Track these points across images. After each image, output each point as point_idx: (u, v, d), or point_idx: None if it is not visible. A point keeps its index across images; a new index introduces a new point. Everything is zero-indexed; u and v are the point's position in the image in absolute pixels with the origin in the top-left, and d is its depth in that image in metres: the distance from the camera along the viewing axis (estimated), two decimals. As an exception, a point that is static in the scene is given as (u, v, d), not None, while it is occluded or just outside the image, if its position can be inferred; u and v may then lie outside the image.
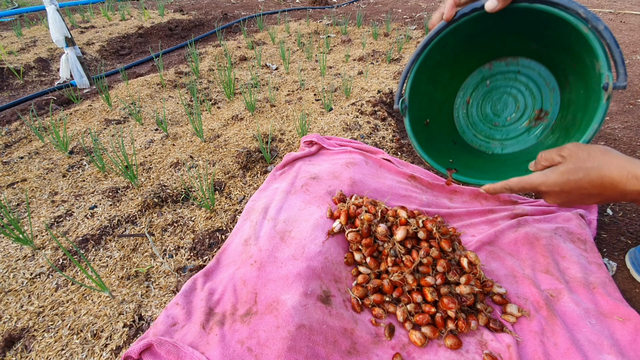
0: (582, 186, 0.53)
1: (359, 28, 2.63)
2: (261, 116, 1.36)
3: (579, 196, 0.54)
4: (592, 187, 0.52)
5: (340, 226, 0.73)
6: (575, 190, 0.53)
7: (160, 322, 0.60)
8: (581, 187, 0.53)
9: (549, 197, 0.57)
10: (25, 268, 0.76)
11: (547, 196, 0.58)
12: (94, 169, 1.09)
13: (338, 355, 0.55)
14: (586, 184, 0.52)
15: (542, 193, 0.58)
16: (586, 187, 0.52)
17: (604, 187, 0.51)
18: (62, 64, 1.64)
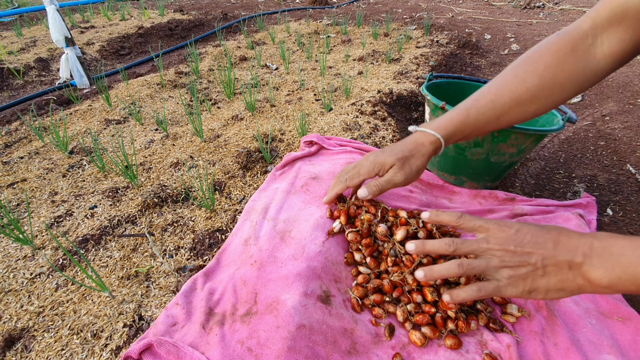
0: (543, 232, 0.47)
1: (359, 28, 2.63)
2: (261, 116, 1.36)
3: (531, 240, 0.46)
4: (546, 233, 0.46)
5: (340, 226, 0.73)
6: (533, 232, 0.47)
7: (160, 322, 0.60)
8: (542, 232, 0.47)
9: (493, 234, 0.49)
10: (25, 268, 0.76)
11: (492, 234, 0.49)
12: (94, 169, 1.09)
13: (338, 355, 0.55)
14: (549, 230, 0.47)
15: (486, 252, 0.49)
16: (547, 234, 0.46)
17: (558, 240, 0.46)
18: (62, 64, 1.64)
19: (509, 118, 0.61)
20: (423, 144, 0.65)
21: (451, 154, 0.92)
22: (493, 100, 0.61)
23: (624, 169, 1.06)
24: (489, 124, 0.62)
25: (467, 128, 0.63)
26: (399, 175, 0.64)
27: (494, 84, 0.62)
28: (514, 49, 2.15)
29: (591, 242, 0.43)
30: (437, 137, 0.64)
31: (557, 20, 2.76)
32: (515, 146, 0.82)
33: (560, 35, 0.58)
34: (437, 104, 0.85)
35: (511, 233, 0.47)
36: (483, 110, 0.61)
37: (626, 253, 0.40)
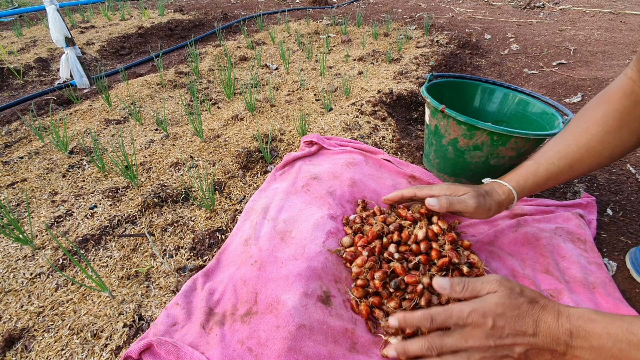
0: (520, 317, 0.46)
1: (359, 28, 2.63)
2: (261, 116, 1.36)
3: (510, 332, 0.45)
4: (529, 322, 0.45)
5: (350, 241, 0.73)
6: (511, 321, 0.45)
7: (160, 322, 0.60)
8: (519, 317, 0.46)
9: (471, 330, 0.47)
10: (25, 268, 0.76)
11: (469, 328, 0.47)
12: (94, 169, 1.09)
13: (339, 355, 0.55)
14: (526, 315, 0.46)
15: (465, 325, 0.47)
16: (524, 319, 0.46)
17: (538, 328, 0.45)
18: (62, 64, 1.64)
19: (584, 165, 0.64)
20: (497, 191, 0.67)
21: (451, 156, 0.92)
22: (560, 150, 0.65)
23: (624, 169, 1.06)
24: (562, 173, 0.65)
25: (539, 178, 0.65)
26: (472, 201, 0.64)
27: (559, 136, 0.68)
28: (514, 49, 2.15)
29: (569, 330, 0.44)
30: (509, 188, 0.66)
31: (557, 20, 2.76)
32: (515, 149, 0.82)
33: (611, 86, 0.65)
34: (437, 107, 0.85)
35: (489, 327, 0.45)
36: (552, 160, 0.65)
37: (605, 345, 0.42)
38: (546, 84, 1.68)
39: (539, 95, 0.99)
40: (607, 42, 2.17)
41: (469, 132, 0.83)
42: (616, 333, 0.42)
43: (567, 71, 1.79)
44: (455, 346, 0.48)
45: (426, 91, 0.93)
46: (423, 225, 0.69)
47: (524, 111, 1.01)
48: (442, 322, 0.49)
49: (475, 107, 1.11)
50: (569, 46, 2.11)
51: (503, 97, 1.06)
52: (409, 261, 0.65)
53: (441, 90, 1.04)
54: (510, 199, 0.67)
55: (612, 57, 1.92)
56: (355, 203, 0.86)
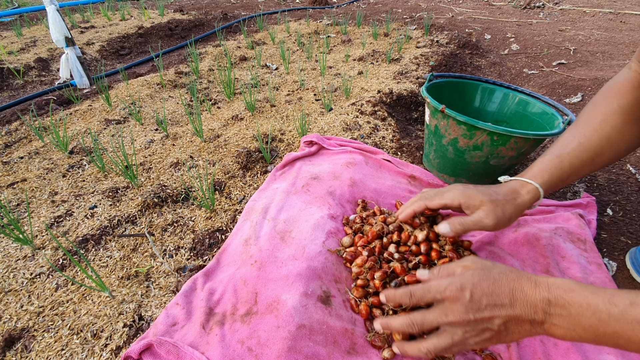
0: (496, 287, 0.46)
1: (359, 28, 2.63)
2: (261, 116, 1.36)
3: (487, 303, 0.45)
4: (506, 291, 0.45)
5: (350, 241, 0.72)
6: (487, 291, 0.46)
7: (160, 322, 0.60)
8: (495, 288, 0.46)
9: (450, 304, 0.47)
10: (25, 268, 0.76)
11: (448, 303, 0.48)
12: (94, 169, 1.09)
13: (339, 355, 0.55)
14: (502, 285, 0.46)
15: (444, 300, 0.48)
16: (500, 289, 0.46)
17: (515, 296, 0.45)
18: (62, 64, 1.64)
19: (604, 158, 0.63)
20: (519, 192, 0.61)
21: (451, 156, 0.92)
22: (581, 142, 0.62)
23: (624, 169, 1.06)
24: (584, 166, 0.62)
25: (564, 173, 0.62)
26: (489, 219, 0.58)
27: (575, 129, 0.65)
28: (514, 49, 2.15)
29: (547, 298, 0.43)
30: (535, 186, 0.61)
31: (557, 20, 2.76)
32: (515, 149, 0.82)
33: (617, 79, 0.64)
34: (437, 107, 0.85)
35: (467, 300, 0.46)
36: (575, 153, 0.62)
37: (585, 314, 0.41)
38: (546, 84, 1.68)
39: (539, 95, 0.99)
40: (607, 42, 2.17)
41: (469, 132, 0.83)
42: (596, 303, 0.40)
43: (567, 71, 1.79)
44: (436, 321, 0.48)
45: (426, 91, 0.93)
46: (425, 228, 0.69)
47: (524, 111, 1.01)
48: (421, 296, 0.50)
49: (475, 107, 1.11)
50: (569, 46, 2.11)
51: (503, 97, 1.06)
52: (409, 261, 0.65)
53: (441, 90, 1.04)
54: (536, 198, 0.61)
55: (612, 57, 1.92)
56: (355, 203, 0.86)
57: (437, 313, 0.48)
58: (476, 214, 0.59)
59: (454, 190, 0.63)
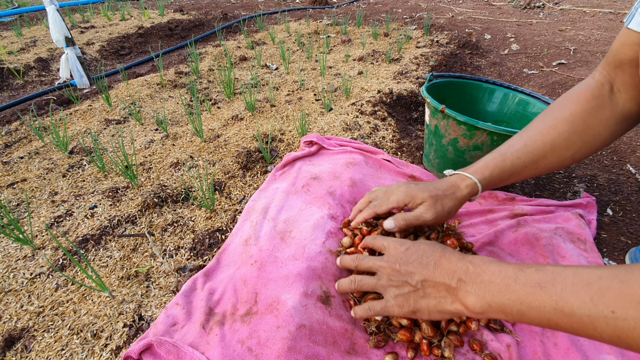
0: (429, 251, 0.50)
1: (359, 28, 2.63)
2: (261, 116, 1.36)
3: (415, 260, 0.50)
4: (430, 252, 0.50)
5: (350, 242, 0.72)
6: (420, 252, 0.51)
7: (160, 322, 0.60)
8: (428, 251, 0.50)
9: (387, 254, 0.54)
10: (25, 268, 0.76)
11: (386, 253, 0.55)
12: (94, 169, 1.09)
13: (338, 355, 0.55)
14: (435, 251, 0.50)
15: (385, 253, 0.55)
16: (433, 254, 0.50)
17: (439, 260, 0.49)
18: (62, 64, 1.64)
19: (547, 163, 0.63)
20: (458, 186, 0.65)
21: (451, 156, 0.92)
22: (527, 144, 0.63)
23: (624, 169, 1.06)
24: (526, 168, 0.63)
25: (505, 172, 0.64)
26: (429, 213, 0.62)
27: (525, 131, 0.66)
28: (514, 49, 2.15)
29: (467, 267, 0.45)
30: (473, 181, 0.64)
31: (557, 20, 2.76)
32: None
33: (579, 86, 0.64)
34: (437, 107, 0.85)
35: (401, 251, 0.51)
36: (518, 154, 0.63)
37: (495, 280, 0.42)
38: (546, 84, 1.68)
39: (539, 95, 0.99)
40: (607, 42, 2.17)
41: (469, 132, 0.83)
42: (507, 271, 0.42)
43: (567, 71, 1.79)
44: (371, 262, 0.55)
45: (426, 91, 0.93)
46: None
47: (524, 111, 1.01)
48: (360, 264, 0.58)
49: (475, 107, 1.11)
50: (569, 46, 2.11)
51: (503, 97, 1.06)
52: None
53: (441, 90, 1.04)
54: (474, 192, 0.65)
55: (612, 57, 1.92)
56: (355, 203, 0.86)
57: (375, 258, 0.55)
58: (417, 209, 0.64)
59: (398, 193, 0.66)
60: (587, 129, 0.61)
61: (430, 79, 1.02)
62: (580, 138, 0.61)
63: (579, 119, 0.61)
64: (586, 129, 0.61)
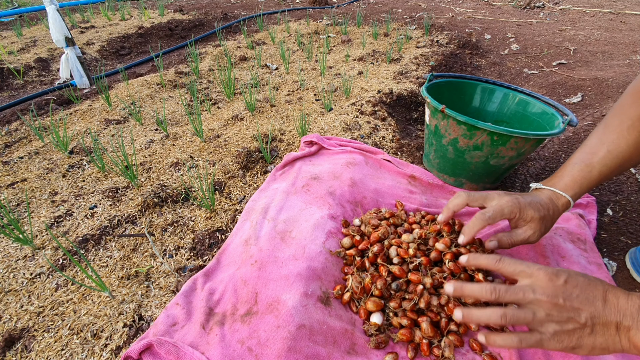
0: (590, 285, 0.46)
1: (359, 28, 2.63)
2: (261, 116, 1.36)
3: (579, 294, 0.45)
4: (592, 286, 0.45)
5: (350, 243, 0.72)
6: (582, 285, 0.45)
7: (160, 322, 0.60)
8: (589, 284, 0.46)
9: (540, 283, 0.47)
10: (25, 268, 0.76)
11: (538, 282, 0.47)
12: (94, 169, 1.09)
13: (338, 355, 0.55)
14: (596, 285, 0.46)
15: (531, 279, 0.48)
16: (595, 287, 0.46)
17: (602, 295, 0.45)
18: (62, 64, 1.64)
19: (632, 163, 0.63)
20: (557, 205, 0.63)
21: (451, 156, 0.92)
22: (610, 150, 0.62)
23: (624, 169, 1.06)
24: (612, 173, 0.63)
25: (592, 182, 0.63)
26: (536, 236, 0.61)
27: (603, 133, 0.63)
28: (514, 49, 2.15)
29: (638, 304, 0.43)
30: (568, 200, 0.63)
31: (557, 20, 2.76)
32: (515, 149, 0.82)
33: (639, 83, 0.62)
34: (437, 107, 0.85)
35: (559, 284, 0.45)
36: (604, 162, 0.62)
37: None
38: (546, 84, 1.68)
39: (539, 95, 0.99)
40: (607, 42, 2.17)
41: (469, 132, 0.83)
42: None
43: (567, 71, 1.79)
44: (522, 294, 0.46)
45: (426, 91, 0.93)
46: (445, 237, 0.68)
47: (524, 111, 1.01)
48: (512, 264, 0.50)
49: (475, 107, 1.11)
50: (569, 46, 2.11)
51: (503, 97, 1.06)
52: (409, 262, 0.65)
53: (441, 90, 1.04)
54: (566, 208, 0.64)
55: (612, 57, 1.92)
56: (355, 203, 0.86)
57: (524, 287, 0.46)
58: (523, 229, 0.61)
59: (511, 202, 0.61)
60: None
61: (430, 79, 1.02)
62: None
63: None
64: None
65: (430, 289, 0.61)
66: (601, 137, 0.64)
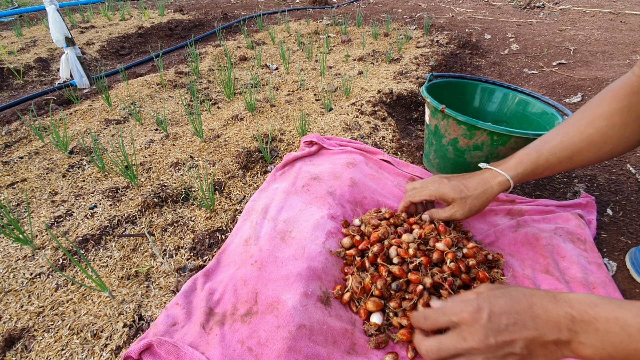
0: (514, 304, 0.43)
1: (359, 28, 2.63)
2: (261, 116, 1.36)
3: (507, 322, 0.43)
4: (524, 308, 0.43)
5: (350, 243, 0.72)
6: (505, 309, 0.43)
7: (160, 322, 0.60)
8: (513, 304, 0.43)
9: (467, 328, 0.44)
10: (25, 268, 0.76)
11: (465, 327, 0.45)
12: (94, 169, 1.09)
13: (338, 355, 0.55)
14: (519, 301, 0.44)
15: (459, 323, 0.46)
16: (519, 305, 0.43)
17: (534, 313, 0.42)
18: (62, 64, 1.64)
19: (582, 158, 0.64)
20: (490, 183, 0.67)
21: (451, 156, 0.92)
22: (563, 140, 0.64)
23: (624, 169, 1.06)
24: (561, 163, 0.64)
25: (538, 167, 0.65)
26: (459, 213, 0.68)
27: (562, 126, 0.66)
28: (514, 49, 2.15)
29: (570, 314, 0.40)
30: (506, 178, 0.65)
31: (557, 20, 2.76)
32: (515, 149, 0.81)
33: (618, 81, 0.63)
34: (437, 106, 0.85)
35: (484, 322, 0.43)
36: (554, 150, 0.64)
37: (613, 330, 0.38)
38: (546, 84, 1.68)
39: (539, 95, 0.99)
40: (607, 42, 2.17)
41: (469, 132, 0.83)
42: (625, 317, 0.38)
43: (567, 71, 1.79)
44: (453, 347, 0.45)
45: (426, 91, 0.93)
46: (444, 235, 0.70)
47: (524, 111, 1.01)
48: (435, 320, 0.48)
49: (475, 107, 1.11)
50: (569, 46, 2.11)
51: (503, 97, 1.06)
52: (409, 262, 0.65)
53: (441, 90, 1.04)
54: (505, 188, 0.67)
55: (612, 57, 1.92)
56: (355, 203, 0.86)
57: (454, 338, 0.45)
58: (449, 209, 0.70)
59: (432, 188, 0.71)
60: (626, 125, 0.61)
61: (430, 79, 1.02)
62: (619, 134, 0.61)
63: (617, 115, 0.61)
64: (624, 125, 0.61)
65: (430, 289, 0.61)
66: (559, 129, 0.66)
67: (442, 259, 0.65)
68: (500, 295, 0.45)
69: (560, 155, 0.63)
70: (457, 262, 0.64)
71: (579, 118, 0.64)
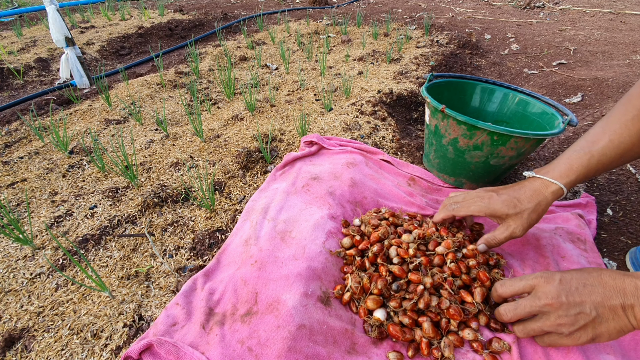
0: (584, 273, 0.50)
1: (359, 28, 2.63)
2: (261, 116, 1.36)
3: (577, 285, 0.49)
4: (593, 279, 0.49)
5: (350, 243, 0.72)
6: (576, 275, 0.50)
7: (160, 322, 0.60)
8: (582, 273, 0.50)
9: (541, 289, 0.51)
10: (25, 268, 0.76)
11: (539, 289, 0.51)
12: (94, 169, 1.09)
13: (339, 355, 0.55)
14: (590, 271, 0.50)
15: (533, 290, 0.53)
16: (589, 274, 0.49)
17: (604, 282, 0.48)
18: (62, 64, 1.64)
19: (632, 154, 0.62)
20: (543, 194, 0.63)
21: (451, 156, 0.92)
22: (612, 139, 0.61)
23: (624, 169, 1.06)
24: (612, 163, 0.62)
25: (591, 171, 0.62)
26: (519, 230, 0.63)
27: (606, 123, 0.63)
28: (514, 49, 2.15)
29: (635, 283, 0.45)
30: (559, 187, 0.62)
31: (557, 20, 2.76)
32: (515, 149, 0.82)
33: None
34: (437, 106, 0.85)
35: (556, 284, 0.49)
36: (604, 151, 0.61)
37: None
38: (546, 84, 1.68)
39: (539, 95, 0.99)
40: (607, 42, 2.17)
41: (469, 132, 0.83)
42: None
43: (567, 71, 1.79)
44: (529, 305, 0.51)
45: (426, 91, 0.93)
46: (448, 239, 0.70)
47: (524, 111, 1.01)
48: (512, 283, 0.55)
49: (475, 107, 1.11)
50: (569, 46, 2.11)
51: (503, 97, 1.06)
52: (409, 262, 0.65)
53: (441, 90, 1.04)
54: (558, 197, 0.63)
55: (612, 57, 1.92)
56: (355, 203, 0.86)
57: (530, 299, 0.51)
58: (504, 227, 0.65)
59: (481, 204, 0.66)
60: None
61: (430, 79, 1.02)
62: None
63: None
64: None
65: (431, 289, 0.61)
66: (604, 126, 0.63)
67: (443, 261, 0.65)
68: (573, 270, 0.51)
69: (612, 155, 0.61)
70: (457, 262, 0.64)
71: (623, 113, 0.61)
